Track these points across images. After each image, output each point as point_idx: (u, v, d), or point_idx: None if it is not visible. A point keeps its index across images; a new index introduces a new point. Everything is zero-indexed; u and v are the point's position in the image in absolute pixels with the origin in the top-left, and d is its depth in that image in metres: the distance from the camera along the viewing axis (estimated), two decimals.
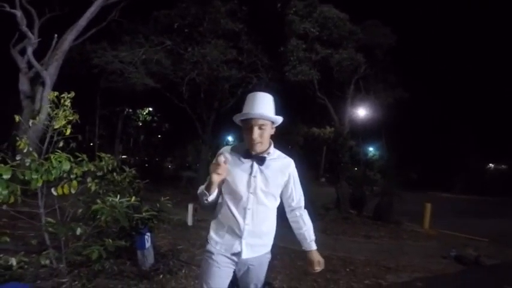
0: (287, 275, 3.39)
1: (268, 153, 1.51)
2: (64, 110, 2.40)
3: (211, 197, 1.48)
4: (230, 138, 19.86)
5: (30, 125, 5.51)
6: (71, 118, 2.31)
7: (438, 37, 16.82)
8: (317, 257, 1.60)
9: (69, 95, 2.35)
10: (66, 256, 2.35)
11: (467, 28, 16.73)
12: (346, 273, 3.74)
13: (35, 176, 1.88)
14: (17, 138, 2.31)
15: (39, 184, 1.96)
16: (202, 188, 1.50)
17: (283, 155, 1.59)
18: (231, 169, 1.49)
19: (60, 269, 2.44)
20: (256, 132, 1.42)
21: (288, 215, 1.64)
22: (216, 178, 1.40)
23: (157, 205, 2.66)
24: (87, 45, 8.57)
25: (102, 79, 9.57)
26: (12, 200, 1.93)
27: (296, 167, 1.61)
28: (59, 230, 2.05)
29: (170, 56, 8.81)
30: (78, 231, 2.06)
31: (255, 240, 1.51)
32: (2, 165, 1.86)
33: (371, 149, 24.95)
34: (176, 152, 15.73)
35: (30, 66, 7.26)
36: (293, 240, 1.65)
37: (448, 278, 3.83)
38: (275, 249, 1.64)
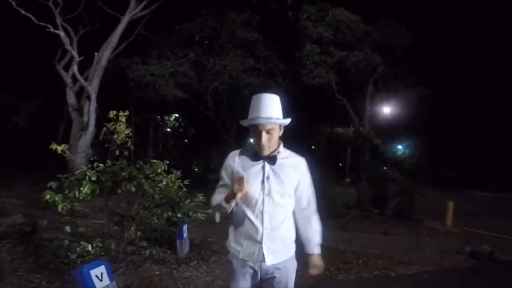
0: (302, 264, 3.81)
1: (279, 152, 1.47)
2: (120, 125, 2.94)
3: (231, 209, 1.44)
4: (252, 141, 20.46)
5: (82, 135, 6.43)
6: (127, 132, 2.87)
7: (463, 28, 16.06)
8: (318, 261, 1.56)
9: (124, 113, 2.91)
10: (123, 245, 2.96)
11: (495, 14, 15.82)
12: (358, 264, 4.09)
13: (107, 177, 2.47)
14: (87, 150, 2.90)
15: (109, 184, 2.56)
16: (218, 200, 1.46)
17: (294, 153, 1.54)
18: (242, 173, 1.43)
19: (117, 256, 3.05)
20: (264, 137, 1.39)
21: (296, 216, 1.55)
22: (240, 194, 1.35)
23: (195, 200, 3.22)
24: (121, 60, 9.48)
25: (134, 89, 10.51)
26: (89, 197, 2.55)
27: (319, 168, 1.60)
28: (123, 220, 2.64)
29: (194, 67, 9.55)
30: (138, 222, 2.64)
31: (275, 245, 1.45)
32: (90, 170, 2.49)
33: (400, 147, 24.45)
34: (202, 155, 16.57)
35: (74, 80, 8.21)
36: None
37: (456, 271, 4.02)
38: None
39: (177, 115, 19.83)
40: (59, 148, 2.81)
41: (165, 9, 9.61)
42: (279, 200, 1.44)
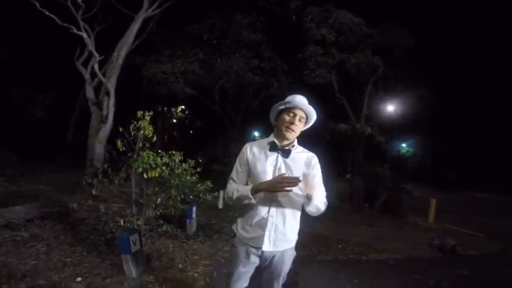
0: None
1: (293, 146, 1.59)
2: (145, 123, 3.52)
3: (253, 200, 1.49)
4: (256, 134, 21.22)
5: (102, 127, 7.17)
6: (151, 129, 3.52)
7: (464, 29, 16.15)
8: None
9: (149, 113, 3.54)
10: (144, 221, 3.71)
11: (496, 16, 15.84)
12: (337, 248, 4.81)
13: (140, 165, 3.17)
14: (116, 141, 3.51)
15: (140, 170, 3.24)
16: (241, 191, 1.52)
17: (307, 150, 1.66)
18: (256, 162, 1.56)
19: (139, 231, 3.80)
20: (296, 119, 1.55)
21: (306, 208, 1.56)
22: (273, 189, 1.42)
23: (204, 184, 3.95)
24: (137, 58, 10.09)
25: (146, 85, 11.19)
26: (122, 181, 3.26)
27: (320, 162, 1.64)
28: (146, 200, 3.38)
29: (203, 66, 10.17)
30: (159, 200, 3.37)
31: (278, 235, 1.53)
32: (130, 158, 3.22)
33: (404, 145, 24.83)
34: (207, 147, 17.34)
35: (92, 76, 8.85)
36: (310, 224, 1.87)
37: (418, 260, 4.66)
38: None
39: (183, 107, 20.57)
40: (99, 140, 3.53)
41: (176, 9, 10.14)
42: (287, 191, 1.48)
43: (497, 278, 3.99)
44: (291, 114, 1.55)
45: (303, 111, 1.57)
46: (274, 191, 1.42)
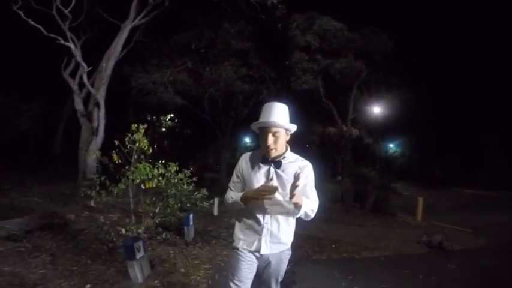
0: None
1: (284, 157, 1.63)
2: (139, 135, 3.59)
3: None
4: (248, 140, 21.40)
5: (93, 139, 7.17)
6: (145, 141, 3.63)
7: (449, 32, 16.76)
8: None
9: (144, 126, 3.60)
10: (144, 229, 3.79)
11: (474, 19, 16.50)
12: (331, 248, 5.01)
13: (137, 176, 3.27)
14: (112, 154, 3.59)
15: (138, 181, 3.33)
16: (235, 198, 1.66)
17: (301, 158, 1.69)
18: (250, 174, 1.66)
19: (139, 237, 3.89)
20: (270, 139, 1.55)
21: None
22: (257, 197, 1.52)
23: (200, 192, 4.08)
24: (124, 68, 10.11)
25: (135, 95, 11.18)
26: (121, 193, 3.35)
27: (312, 165, 1.67)
28: (144, 210, 3.48)
29: (192, 75, 10.30)
30: (158, 209, 3.48)
31: (273, 239, 1.65)
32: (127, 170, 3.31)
33: (391, 146, 25.46)
34: (197, 155, 17.37)
35: (80, 87, 8.75)
36: (304, 226, 1.94)
37: (408, 256, 4.88)
38: None
39: (172, 115, 20.56)
40: (95, 154, 3.63)
41: (163, 18, 10.14)
42: (280, 200, 1.60)
43: (483, 270, 4.21)
44: (264, 133, 1.57)
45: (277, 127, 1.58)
46: (258, 198, 1.53)
